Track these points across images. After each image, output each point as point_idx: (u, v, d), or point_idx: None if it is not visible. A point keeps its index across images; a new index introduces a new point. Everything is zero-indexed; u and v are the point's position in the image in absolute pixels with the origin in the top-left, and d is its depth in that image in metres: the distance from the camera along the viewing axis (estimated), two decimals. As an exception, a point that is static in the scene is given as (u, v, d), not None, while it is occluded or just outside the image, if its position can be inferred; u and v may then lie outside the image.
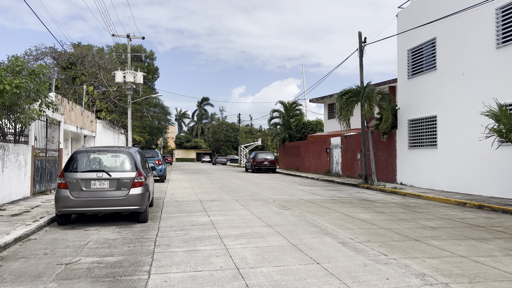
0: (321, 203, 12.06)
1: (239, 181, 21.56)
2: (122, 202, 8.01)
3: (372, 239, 6.92)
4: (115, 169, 8.23)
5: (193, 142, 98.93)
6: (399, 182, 18.54)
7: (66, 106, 17.77)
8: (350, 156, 23.68)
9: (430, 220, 9.01)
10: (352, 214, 9.75)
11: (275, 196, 14.05)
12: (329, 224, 8.28)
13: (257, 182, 20.82)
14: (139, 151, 9.86)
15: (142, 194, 8.22)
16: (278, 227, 7.98)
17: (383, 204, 11.96)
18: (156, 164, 20.18)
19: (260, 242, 6.62)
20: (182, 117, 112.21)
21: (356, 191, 16.18)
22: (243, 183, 20.45)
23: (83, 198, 7.86)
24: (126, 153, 8.49)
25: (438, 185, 15.90)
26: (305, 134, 35.00)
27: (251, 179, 23.29)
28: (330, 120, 32.72)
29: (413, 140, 17.64)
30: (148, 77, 53.96)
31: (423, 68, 17.09)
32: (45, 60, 33.18)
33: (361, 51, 18.82)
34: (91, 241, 6.78)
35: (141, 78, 28.81)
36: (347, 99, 17.55)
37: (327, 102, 32.90)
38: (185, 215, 9.54)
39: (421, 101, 17.08)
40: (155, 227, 8.08)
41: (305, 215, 9.54)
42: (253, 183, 20.11)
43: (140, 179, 8.25)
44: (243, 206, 11.10)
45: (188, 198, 13.23)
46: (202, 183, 20.41)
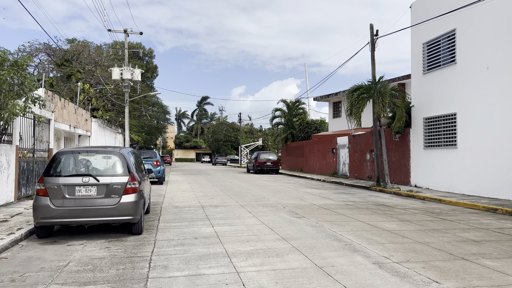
0: (336, 209, 10.89)
1: (242, 183, 20.39)
2: (112, 211, 6.84)
3: (411, 257, 5.76)
4: (104, 172, 7.06)
5: (192, 142, 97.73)
6: (413, 184, 17.38)
7: (58, 103, 16.59)
8: (359, 157, 22.51)
9: (467, 231, 7.85)
10: (375, 223, 8.58)
11: (284, 200, 12.88)
12: (354, 237, 7.12)
13: (261, 184, 19.65)
14: (134, 152, 8.69)
15: (136, 202, 7.06)
16: (295, 241, 6.81)
17: (405, 210, 10.80)
18: (154, 165, 19.01)
19: (278, 263, 5.45)
20: (182, 116, 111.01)
21: (369, 195, 15.02)
22: (247, 185, 19.28)
23: (66, 208, 6.69)
24: (118, 154, 7.31)
25: (457, 188, 14.74)
26: (309, 133, 33.84)
27: (254, 181, 22.12)
28: (335, 119, 31.58)
29: (429, 140, 16.48)
30: (146, 76, 52.78)
31: (440, 62, 15.93)
32: (40, 57, 32.05)
33: (372, 45, 17.66)
34: (73, 261, 5.60)
35: (139, 75, 27.65)
36: (359, 95, 16.39)
37: (332, 100, 31.74)
38: (185, 225, 8.37)
39: (438, 97, 15.92)
40: (150, 240, 6.91)
41: (323, 224, 8.37)
42: (257, 186, 18.94)
43: (134, 185, 7.09)
44: (250, 213, 9.93)
45: (189, 203, 12.06)
46: (203, 185, 19.24)
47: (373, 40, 17.65)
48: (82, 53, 31.20)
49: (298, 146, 33.27)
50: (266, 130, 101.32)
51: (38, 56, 31.89)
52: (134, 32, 28.30)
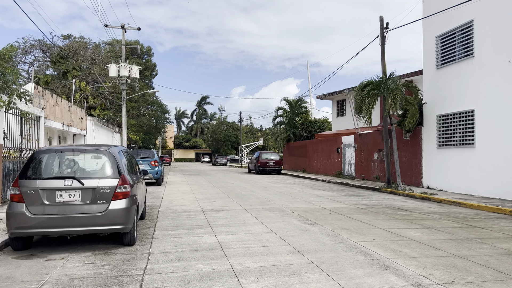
0: (350, 214, 9.95)
1: (244, 184, 19.44)
2: (99, 220, 5.89)
3: (455, 277, 4.81)
4: (90, 175, 6.11)
5: (192, 141, 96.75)
6: (425, 185, 16.44)
7: (49, 100, 15.64)
8: (366, 157, 21.56)
9: (504, 241, 6.91)
10: (398, 231, 7.63)
11: (291, 204, 11.93)
12: (379, 249, 6.17)
13: (264, 186, 18.69)
14: (126, 151, 7.74)
15: (127, 209, 6.10)
16: (312, 254, 5.86)
17: (425, 215, 9.85)
18: (152, 165, 18.05)
19: (296, 285, 4.50)
20: (181, 116, 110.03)
21: (381, 197, 14.07)
22: (249, 186, 18.32)
23: (44, 216, 5.74)
24: (106, 154, 6.35)
25: (475, 190, 13.80)
26: (312, 133, 32.90)
27: (257, 182, 21.17)
28: (339, 118, 30.64)
29: (443, 139, 15.54)
30: (145, 74, 51.79)
31: (455, 56, 14.99)
32: (34, 54, 31.09)
33: (382, 38, 16.71)
34: (49, 282, 4.65)
35: (137, 72, 26.68)
36: (369, 91, 15.44)
37: (336, 98, 30.81)
38: (184, 233, 7.42)
39: (454, 93, 14.98)
40: (144, 253, 5.96)
41: (340, 233, 7.42)
42: (260, 187, 17.99)
43: (125, 188, 6.13)
44: (257, 219, 8.98)
45: (188, 207, 11.10)
46: (204, 186, 18.28)
47: (383, 33, 16.70)
48: (78, 49, 30.24)
49: (300, 146, 32.33)
50: (266, 130, 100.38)
51: (33, 53, 30.97)
52: (131, 28, 27.34)
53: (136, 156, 18.40)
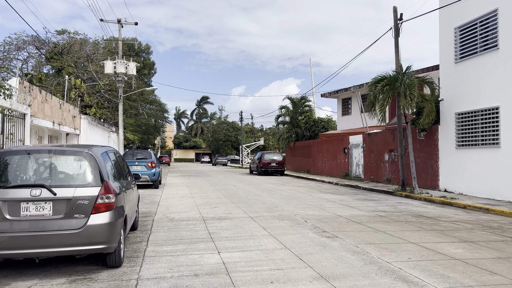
0: (370, 223, 8.79)
1: (247, 187, 18.28)
2: (76, 238, 4.74)
3: (537, 319, 3.66)
4: (65, 182, 4.96)
5: (192, 141, 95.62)
6: (442, 188, 15.29)
7: (37, 97, 14.48)
8: (375, 157, 20.40)
9: None
10: (434, 247, 6.49)
11: (301, 210, 10.77)
12: (422, 274, 5.01)
13: (269, 189, 17.53)
14: (114, 152, 6.58)
15: (111, 224, 4.95)
16: (340, 281, 4.70)
17: (454, 224, 8.70)
18: (149, 167, 16.89)
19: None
20: (181, 116, 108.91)
21: (397, 202, 12.92)
22: (253, 189, 17.17)
23: (6, 234, 4.58)
24: (86, 156, 5.19)
25: (500, 194, 12.65)
26: (316, 132, 31.74)
27: (260, 184, 20.01)
28: (344, 117, 29.49)
29: (463, 138, 14.39)
30: (143, 72, 50.67)
31: (477, 48, 13.83)
32: (28, 50, 29.92)
33: (396, 30, 15.57)
34: (0, 327, 3.50)
35: (134, 69, 25.56)
36: (383, 87, 14.28)
37: (341, 96, 29.66)
38: (182, 249, 6.27)
39: (475, 89, 13.83)
40: (131, 279, 4.81)
41: (367, 249, 6.27)
42: (265, 190, 16.84)
43: (108, 199, 4.98)
44: (266, 231, 7.82)
45: (187, 215, 9.95)
46: (204, 189, 17.13)
47: (397, 24, 15.56)
48: (73, 45, 29.07)
49: (304, 146, 31.18)
50: (267, 130, 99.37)
51: (26, 49, 29.81)
52: (128, 23, 26.20)
53: (132, 157, 17.25)
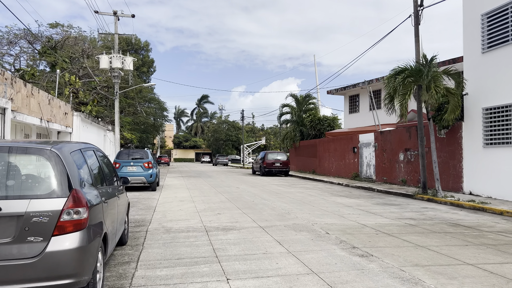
0: (403, 234, 7.43)
1: (251, 189, 16.94)
2: (29, 271, 3.37)
3: None
4: (13, 191, 3.58)
5: (192, 141, 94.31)
6: (467, 191, 13.94)
7: (21, 90, 13.11)
8: (388, 157, 19.04)
9: None
10: (502, 271, 5.13)
11: (318, 218, 9.40)
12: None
13: (275, 191, 16.18)
14: (91, 150, 5.19)
15: (82, 249, 3.58)
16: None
17: (504, 236, 7.35)
18: (145, 167, 15.53)
19: None
20: (181, 115, 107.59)
21: (422, 207, 11.56)
22: (258, 192, 15.82)
23: None
24: (48, 155, 3.81)
25: (537, 198, 11.30)
26: (321, 131, 30.39)
27: (265, 186, 18.66)
28: (352, 115, 28.12)
29: (492, 136, 13.03)
30: (142, 70, 49.34)
31: (508, 36, 12.46)
32: (20, 45, 28.53)
33: (416, 17, 14.20)
34: None
35: (131, 64, 24.21)
36: (403, 79, 12.90)
37: (348, 93, 28.30)
38: (180, 275, 4.90)
39: (506, 82, 12.47)
40: (109, 326, 3.45)
41: (417, 275, 4.89)
42: (271, 193, 15.48)
43: (77, 214, 3.61)
44: (282, 246, 6.46)
45: (187, 224, 8.58)
46: (205, 192, 15.78)
47: (417, 12, 14.19)
48: (67, 40, 27.70)
49: (309, 145, 29.82)
50: (268, 129, 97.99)
51: (19, 44, 28.42)
52: (125, 15, 24.83)
53: (127, 156, 15.91)
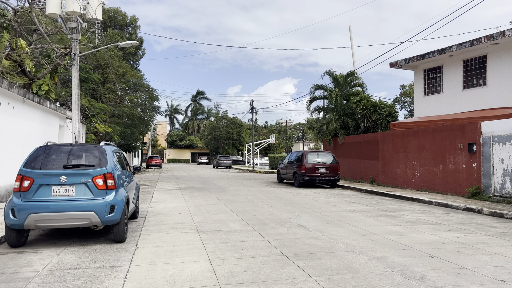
0: None
1: (321, 221, 7.94)
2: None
3: None
4: None
5: (187, 140, 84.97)
6: None
7: None
8: None
9: None
10: None
11: None
12: None
13: (374, 231, 7.15)
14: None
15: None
16: None
17: None
18: (97, 188, 6.39)
19: None
20: (174, 112, 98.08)
21: None
22: (346, 232, 6.80)
23: None
24: None
25: None
26: (378, 122, 21.51)
27: (336, 212, 9.64)
28: (429, 97, 19.20)
29: None
30: (129, 51, 40.06)
31: None
32: None
33: None
34: None
35: (99, 11, 15.02)
36: None
37: (424, 66, 19.40)
38: None
39: None
40: None
41: None
42: (372, 235, 6.45)
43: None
44: None
45: None
46: (233, 233, 6.76)
47: None
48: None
49: (362, 142, 20.88)
50: (272, 126, 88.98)
51: None
52: None
53: (55, 162, 6.67)
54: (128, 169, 8.64)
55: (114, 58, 32.72)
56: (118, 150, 8.05)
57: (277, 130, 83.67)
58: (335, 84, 24.32)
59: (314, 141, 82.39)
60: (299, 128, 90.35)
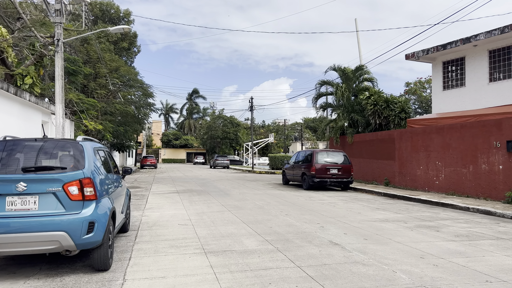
0: None
1: (355, 235, 6.30)
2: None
3: None
4: None
5: (183, 139, 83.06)
6: None
7: None
8: None
9: None
10: None
11: None
12: None
13: (429, 250, 5.51)
14: None
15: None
16: None
17: None
18: (70, 198, 4.68)
19: None
20: (170, 111, 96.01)
21: None
22: (395, 253, 5.15)
23: None
24: None
25: None
26: (390, 119, 19.93)
27: (365, 222, 7.99)
28: (449, 92, 17.65)
29: None
30: (122, 46, 38.22)
31: None
32: None
33: None
34: None
35: (86, -8, 13.27)
36: None
37: (443, 57, 17.84)
38: None
39: None
40: None
41: None
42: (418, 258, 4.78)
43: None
44: None
45: None
46: (251, 254, 5.08)
47: None
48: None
49: (376, 140, 19.28)
50: (270, 126, 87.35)
51: None
52: None
53: (10, 162, 4.93)
54: (116, 172, 6.92)
55: (106, 52, 30.89)
56: (102, 147, 6.32)
57: (274, 130, 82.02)
58: (343, 79, 22.71)
59: (311, 141, 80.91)
60: (296, 127, 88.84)
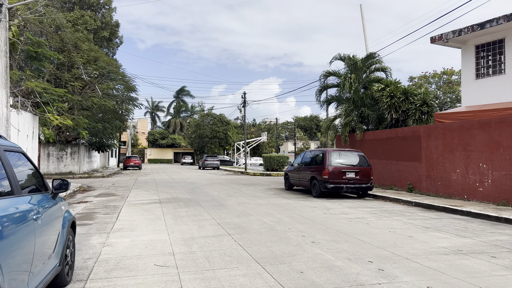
0: None
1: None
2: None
3: None
4: None
5: (170, 139, 79.57)
6: None
7: None
8: None
9: None
10: None
11: None
12: None
13: None
14: None
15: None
16: None
17: None
18: None
19: None
20: (156, 109, 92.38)
21: None
22: None
23: None
24: None
25: None
26: (409, 113, 17.21)
27: (433, 254, 5.16)
28: (483, 80, 14.98)
29: None
30: (102, 35, 34.81)
31: None
32: None
33: None
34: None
35: None
36: None
37: (474, 41, 15.17)
38: None
39: None
40: None
41: None
42: None
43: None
44: None
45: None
46: None
47: None
48: None
49: (395, 138, 16.52)
50: (260, 125, 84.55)
51: None
52: None
53: None
54: (40, 188, 3.92)
55: (85, 41, 27.61)
56: (6, 146, 3.30)
57: (266, 129, 79.21)
58: (351, 69, 19.91)
59: (303, 140, 78.42)
60: (288, 126, 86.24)
